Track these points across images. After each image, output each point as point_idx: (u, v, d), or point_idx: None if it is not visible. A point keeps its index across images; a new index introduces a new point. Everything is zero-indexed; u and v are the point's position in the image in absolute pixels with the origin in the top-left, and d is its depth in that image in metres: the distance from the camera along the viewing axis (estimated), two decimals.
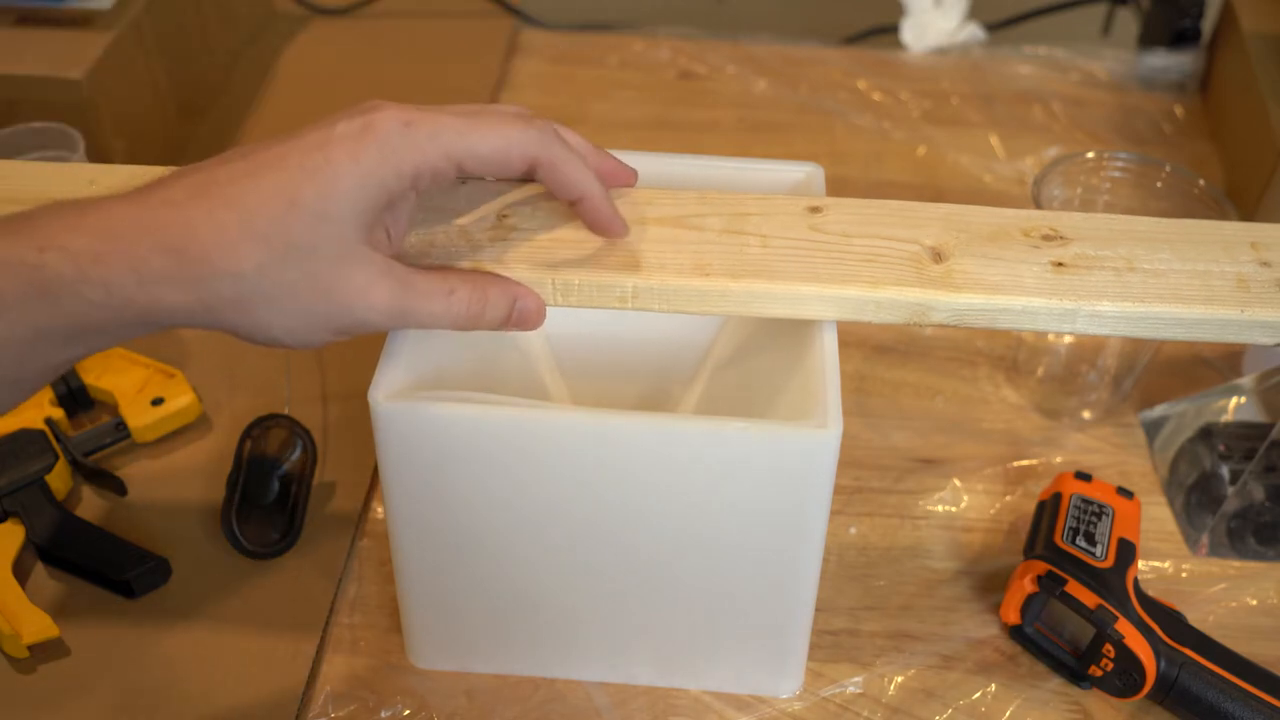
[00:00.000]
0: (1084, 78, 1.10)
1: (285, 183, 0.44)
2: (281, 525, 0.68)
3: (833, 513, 0.64)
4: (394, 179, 0.46)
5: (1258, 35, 0.98)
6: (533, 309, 0.52)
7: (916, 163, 1.00)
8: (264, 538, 0.68)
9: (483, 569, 0.58)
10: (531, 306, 0.52)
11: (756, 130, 1.03)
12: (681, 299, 0.53)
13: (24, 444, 0.69)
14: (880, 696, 0.63)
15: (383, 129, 0.45)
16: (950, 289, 0.53)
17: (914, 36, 1.13)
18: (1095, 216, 0.58)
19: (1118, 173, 0.75)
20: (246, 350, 0.80)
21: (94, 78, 0.84)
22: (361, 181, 0.45)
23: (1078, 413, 0.78)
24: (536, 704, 0.62)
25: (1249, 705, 0.59)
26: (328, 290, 0.45)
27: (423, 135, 0.46)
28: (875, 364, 0.81)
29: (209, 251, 0.43)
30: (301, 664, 0.63)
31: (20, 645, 0.62)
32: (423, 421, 0.52)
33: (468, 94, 1.02)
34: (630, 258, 0.54)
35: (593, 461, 0.53)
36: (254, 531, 0.68)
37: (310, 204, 0.44)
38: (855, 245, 0.55)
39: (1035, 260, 0.54)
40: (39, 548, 0.66)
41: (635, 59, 1.11)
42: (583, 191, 0.51)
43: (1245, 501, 0.69)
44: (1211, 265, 0.55)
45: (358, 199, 0.45)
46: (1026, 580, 0.63)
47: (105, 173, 0.58)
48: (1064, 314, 0.53)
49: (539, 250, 0.54)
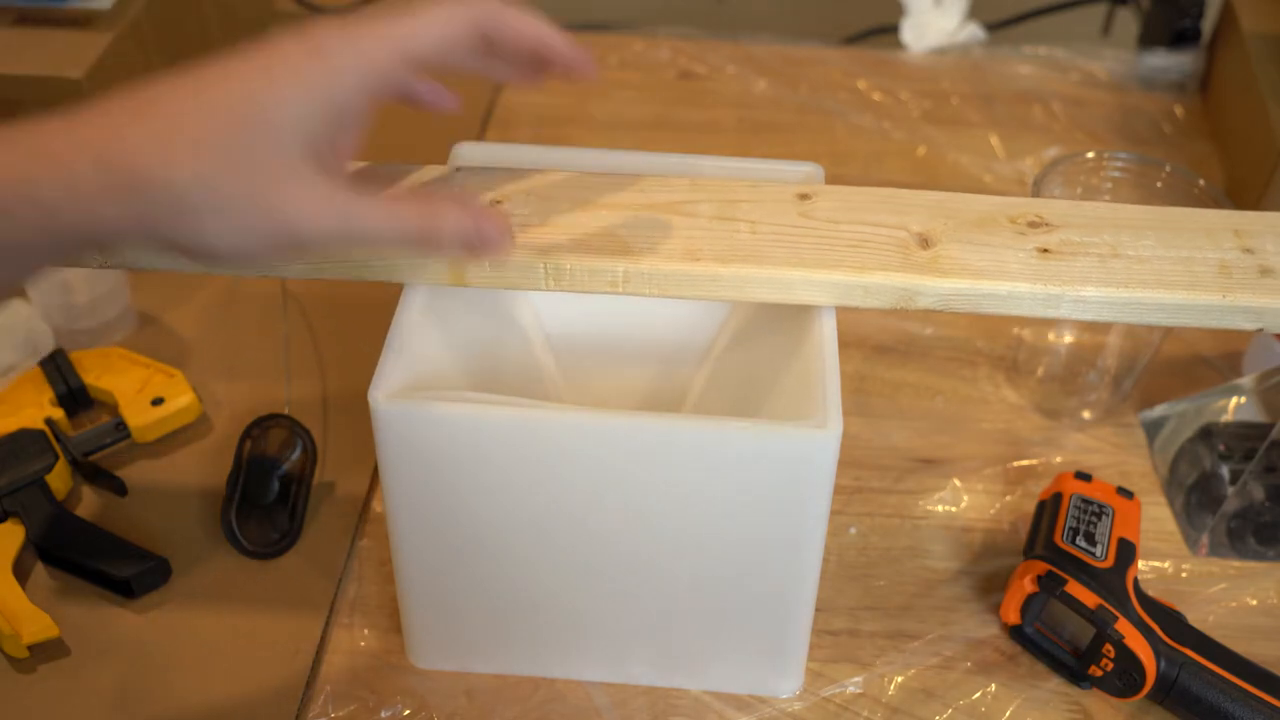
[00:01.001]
0: (1084, 78, 1.10)
1: (228, 97, 0.43)
2: (281, 525, 0.68)
3: (833, 513, 0.64)
4: (340, 93, 0.45)
5: (1258, 35, 0.98)
6: (495, 232, 0.49)
7: (916, 163, 1.00)
8: (264, 538, 0.68)
9: (483, 569, 0.58)
10: (494, 229, 0.49)
11: (756, 130, 1.03)
12: (672, 284, 0.54)
13: (24, 444, 0.69)
14: (880, 696, 0.63)
15: (327, 44, 0.45)
16: (936, 274, 0.53)
17: (914, 36, 1.13)
18: (1081, 204, 0.58)
19: (1118, 173, 0.75)
20: (247, 350, 0.80)
21: (94, 78, 0.84)
22: (307, 96, 0.44)
23: (1078, 413, 0.78)
24: (536, 704, 0.62)
25: (1249, 705, 0.59)
26: (269, 208, 0.44)
27: (366, 42, 0.45)
28: (875, 364, 0.81)
29: (145, 163, 0.42)
30: (301, 664, 0.63)
31: (20, 645, 0.62)
32: (423, 421, 0.52)
33: (467, 94, 1.02)
34: (621, 243, 0.54)
35: (593, 461, 0.53)
36: (254, 531, 0.68)
37: (253, 119, 0.43)
38: (843, 231, 0.56)
39: (1021, 246, 0.55)
40: (39, 548, 0.66)
41: (635, 59, 1.11)
42: (538, 34, 0.50)
43: (1245, 501, 0.69)
44: (1195, 252, 0.55)
45: (302, 115, 0.44)
46: (1026, 580, 0.63)
47: None
48: (1048, 299, 0.54)
49: (531, 235, 0.54)
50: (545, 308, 0.67)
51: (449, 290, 0.58)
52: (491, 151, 0.63)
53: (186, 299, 0.83)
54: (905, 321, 0.84)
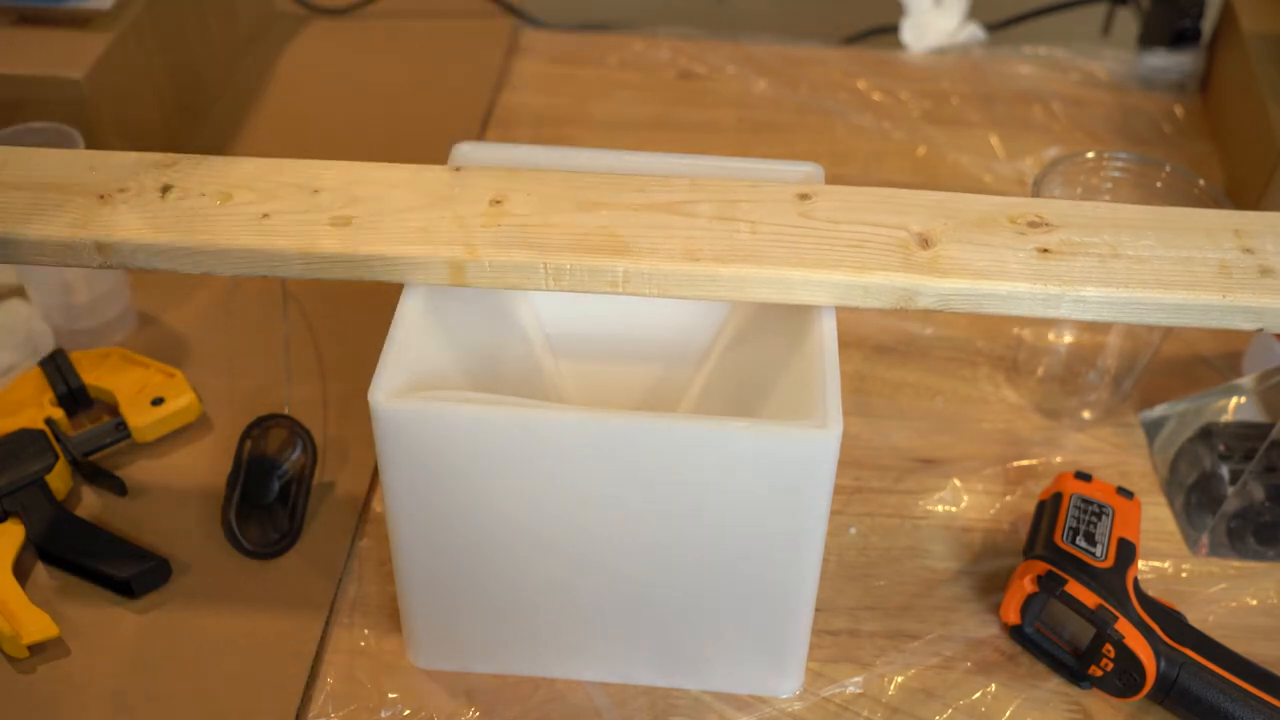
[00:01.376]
0: (1084, 78, 1.10)
1: None
2: (282, 525, 0.68)
3: (833, 513, 0.64)
4: None
5: (1258, 35, 0.98)
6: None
7: (916, 163, 1.00)
8: (264, 537, 0.68)
9: (483, 569, 0.58)
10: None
11: (756, 130, 1.03)
12: (672, 283, 0.54)
13: (24, 444, 0.69)
14: (880, 696, 0.63)
15: None
16: (936, 274, 0.54)
17: (914, 36, 1.13)
18: (1081, 204, 0.59)
19: (1118, 173, 0.75)
20: (247, 350, 0.80)
21: (94, 78, 0.84)
22: None
23: (1078, 413, 0.78)
24: (536, 704, 0.62)
25: (1249, 705, 0.59)
26: None
27: None
28: (875, 364, 0.81)
29: None
30: (302, 664, 0.63)
31: (20, 645, 0.62)
32: (423, 421, 0.52)
33: (467, 94, 1.02)
34: (621, 243, 0.54)
35: (593, 461, 0.53)
36: (254, 531, 0.68)
37: None
38: (843, 231, 0.56)
39: (1021, 246, 0.55)
40: (39, 548, 0.66)
41: (635, 59, 1.11)
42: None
43: (1245, 501, 0.69)
44: (1195, 252, 0.55)
45: None
46: (1026, 580, 0.63)
47: (105, 158, 0.58)
48: (1048, 299, 0.54)
49: (531, 235, 0.54)
50: (545, 308, 0.67)
51: (449, 290, 0.58)
52: (491, 151, 0.63)
53: (186, 299, 0.83)
54: (905, 321, 0.84)
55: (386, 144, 0.95)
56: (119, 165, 0.58)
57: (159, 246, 0.54)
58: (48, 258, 0.55)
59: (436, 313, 0.57)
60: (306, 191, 0.57)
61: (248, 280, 0.84)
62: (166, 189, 0.57)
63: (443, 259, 0.54)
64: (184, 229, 0.55)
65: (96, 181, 0.57)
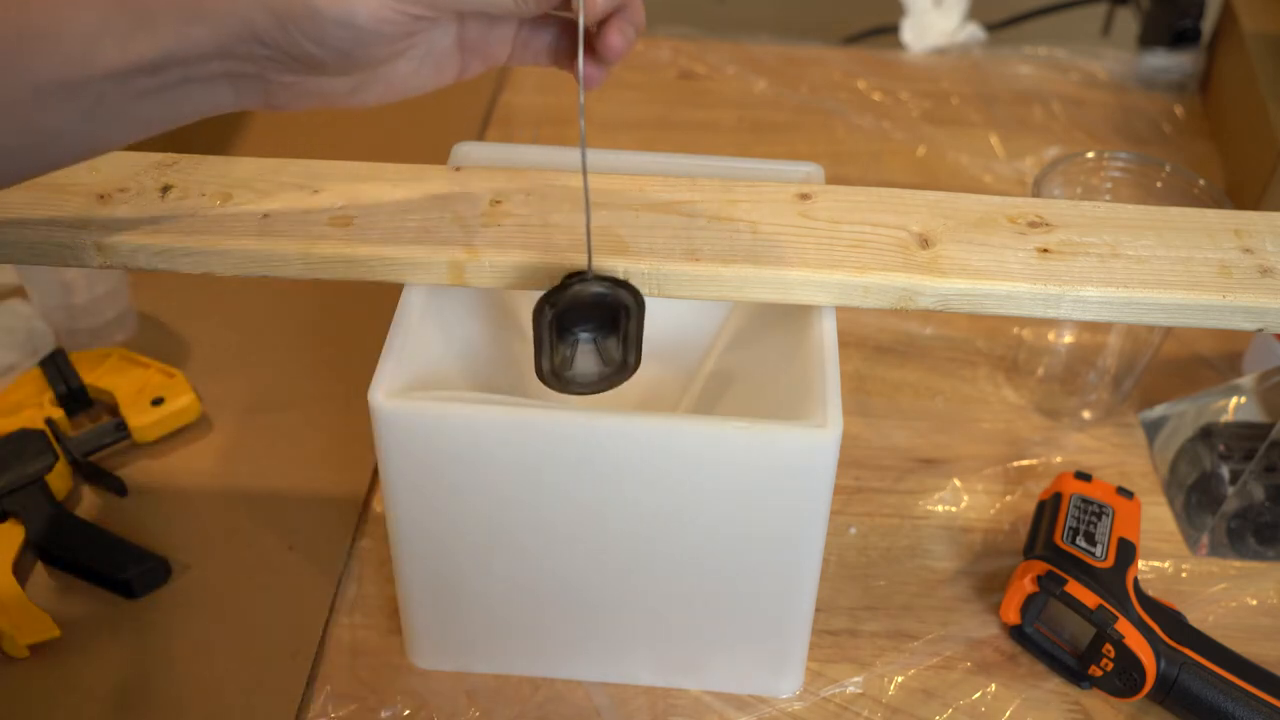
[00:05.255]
0: (1084, 78, 1.10)
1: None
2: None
3: (833, 513, 0.64)
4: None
5: (1258, 35, 0.98)
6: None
7: (916, 163, 1.00)
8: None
9: (483, 569, 0.58)
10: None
11: (756, 130, 1.03)
12: (672, 283, 0.54)
13: (24, 444, 0.69)
14: (880, 696, 0.63)
15: None
16: (936, 274, 0.54)
17: (914, 36, 1.13)
18: (1081, 204, 0.59)
19: (1118, 173, 0.75)
20: (247, 350, 0.80)
21: None
22: None
23: (1078, 413, 0.78)
24: (536, 704, 0.62)
25: (1249, 705, 0.59)
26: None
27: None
28: (875, 364, 0.81)
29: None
30: (301, 664, 0.63)
31: (20, 645, 0.62)
32: (423, 421, 0.52)
33: (467, 94, 1.02)
34: (621, 243, 0.54)
35: (592, 461, 0.53)
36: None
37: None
38: (843, 231, 0.56)
39: (1021, 246, 0.55)
40: (39, 548, 0.66)
41: (635, 59, 1.11)
42: None
43: (1245, 501, 0.69)
44: (1194, 252, 0.55)
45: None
46: (1026, 580, 0.63)
47: (104, 158, 0.58)
48: (1048, 299, 0.54)
49: (531, 235, 0.54)
50: None
51: (449, 290, 0.58)
52: (491, 151, 0.63)
53: (186, 299, 0.83)
54: (905, 321, 0.84)
55: (386, 144, 0.95)
56: (119, 165, 0.58)
57: (159, 246, 0.54)
58: (48, 258, 0.55)
59: (436, 313, 0.57)
60: (306, 191, 0.57)
61: (248, 280, 0.84)
62: (166, 189, 0.57)
63: (443, 259, 0.54)
64: (184, 229, 0.55)
65: (96, 181, 0.57)
